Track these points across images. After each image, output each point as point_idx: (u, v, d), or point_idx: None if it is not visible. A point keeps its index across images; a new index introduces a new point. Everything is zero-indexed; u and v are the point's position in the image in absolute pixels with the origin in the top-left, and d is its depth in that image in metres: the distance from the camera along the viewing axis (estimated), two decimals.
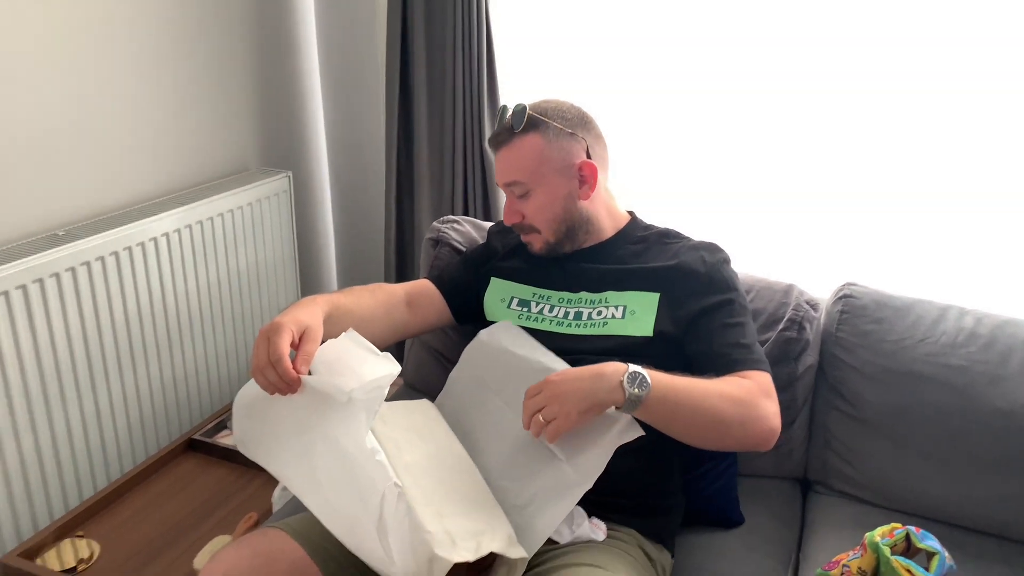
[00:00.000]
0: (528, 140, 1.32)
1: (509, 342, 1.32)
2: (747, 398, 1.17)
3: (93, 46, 1.75)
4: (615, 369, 1.11)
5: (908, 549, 1.21)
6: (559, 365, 1.23)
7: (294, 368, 1.07)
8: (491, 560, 1.10)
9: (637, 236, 1.41)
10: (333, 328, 1.20)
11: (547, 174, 1.33)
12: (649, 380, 1.10)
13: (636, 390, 1.09)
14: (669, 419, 1.14)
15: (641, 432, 1.13)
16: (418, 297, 1.45)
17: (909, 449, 1.45)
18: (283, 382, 1.07)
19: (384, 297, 1.39)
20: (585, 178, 1.34)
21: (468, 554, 1.01)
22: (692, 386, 1.15)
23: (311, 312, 1.17)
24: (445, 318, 1.48)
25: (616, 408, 1.11)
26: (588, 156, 1.35)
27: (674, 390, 1.12)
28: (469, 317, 1.48)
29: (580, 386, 1.10)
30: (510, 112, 1.35)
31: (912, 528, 1.21)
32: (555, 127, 1.33)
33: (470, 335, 1.41)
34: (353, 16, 2.34)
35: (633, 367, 1.11)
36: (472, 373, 1.36)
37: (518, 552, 1.07)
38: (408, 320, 1.42)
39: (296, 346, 1.11)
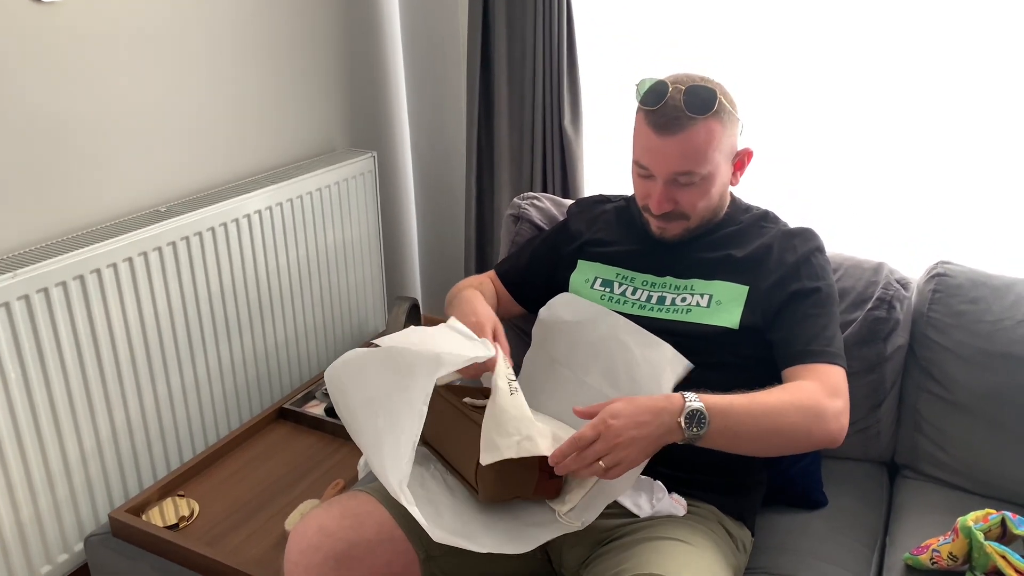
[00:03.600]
0: (708, 126, 1.20)
1: (569, 314, 1.35)
2: (809, 403, 1.11)
3: (191, 35, 1.83)
4: (673, 407, 1.04)
5: (1004, 535, 1.17)
6: (619, 330, 1.26)
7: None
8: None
9: (737, 219, 1.36)
10: None
11: (719, 162, 1.24)
12: (707, 417, 1.04)
13: (695, 430, 1.04)
14: (732, 444, 1.09)
15: (690, 364, 1.18)
16: (499, 290, 1.53)
17: (1007, 433, 1.40)
18: None
19: (488, 291, 1.48)
20: (740, 164, 1.29)
21: (510, 452, 1.05)
22: (752, 406, 1.09)
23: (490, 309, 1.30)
24: (519, 308, 1.52)
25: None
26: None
27: (735, 418, 1.07)
28: (540, 306, 1.46)
29: (645, 432, 1.02)
30: (681, 91, 1.21)
31: (1008, 513, 1.17)
32: (729, 111, 1.23)
33: None
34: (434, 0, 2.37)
35: (690, 402, 1.04)
36: (542, 352, 1.39)
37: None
38: (496, 309, 1.48)
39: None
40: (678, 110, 1.20)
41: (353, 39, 2.31)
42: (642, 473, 1.18)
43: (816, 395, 1.13)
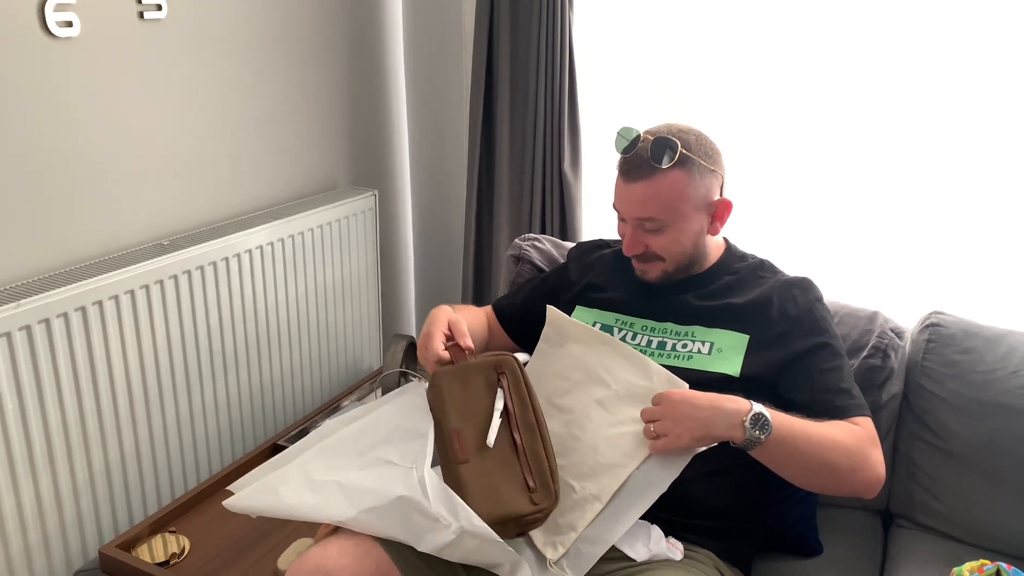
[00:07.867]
0: (672, 177, 1.26)
1: (559, 338, 1.38)
2: (859, 445, 1.16)
3: (196, 73, 1.86)
4: (737, 407, 1.11)
5: None
6: (620, 370, 1.27)
7: (462, 345, 1.27)
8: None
9: (733, 267, 1.39)
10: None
11: (686, 211, 1.28)
12: (771, 423, 1.10)
13: (758, 432, 1.09)
14: (783, 462, 1.14)
15: (685, 384, 1.19)
16: (493, 322, 1.57)
17: (1001, 484, 1.41)
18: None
19: (481, 316, 1.53)
20: (719, 215, 1.33)
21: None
22: (808, 430, 1.14)
23: (449, 313, 1.33)
24: (510, 342, 1.56)
25: (732, 444, 1.12)
26: (721, 191, 1.33)
27: (792, 434, 1.12)
28: (530, 344, 1.49)
29: (698, 414, 1.11)
30: (649, 142, 1.27)
31: (1003, 564, 1.17)
32: (699, 164, 1.28)
33: None
34: (439, 41, 2.42)
35: (757, 407, 1.11)
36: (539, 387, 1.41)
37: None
38: (489, 341, 1.55)
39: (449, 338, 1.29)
40: (642, 159, 1.26)
41: (357, 78, 2.35)
42: (640, 517, 1.19)
43: (865, 440, 1.18)
